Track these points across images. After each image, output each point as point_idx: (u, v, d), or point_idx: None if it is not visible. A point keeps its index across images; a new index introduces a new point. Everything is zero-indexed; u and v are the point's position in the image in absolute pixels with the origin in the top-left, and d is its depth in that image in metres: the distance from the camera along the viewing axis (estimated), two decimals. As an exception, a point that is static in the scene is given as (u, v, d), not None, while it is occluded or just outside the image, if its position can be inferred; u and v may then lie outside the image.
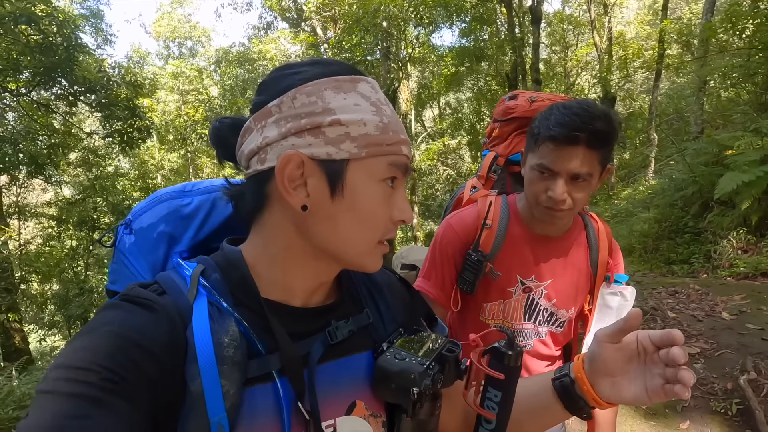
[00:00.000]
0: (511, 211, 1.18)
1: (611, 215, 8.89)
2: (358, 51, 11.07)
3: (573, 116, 0.96)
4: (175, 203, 0.65)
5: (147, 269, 0.62)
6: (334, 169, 0.52)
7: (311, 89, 0.52)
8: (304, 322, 0.57)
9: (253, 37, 14.77)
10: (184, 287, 0.52)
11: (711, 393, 2.64)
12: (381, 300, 0.67)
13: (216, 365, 0.47)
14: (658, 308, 3.83)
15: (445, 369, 0.60)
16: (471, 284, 1.14)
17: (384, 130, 0.53)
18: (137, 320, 0.47)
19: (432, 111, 19.27)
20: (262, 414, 0.51)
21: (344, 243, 0.55)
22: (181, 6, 18.70)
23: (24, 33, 6.83)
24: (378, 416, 0.61)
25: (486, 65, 14.48)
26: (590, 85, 15.53)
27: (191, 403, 0.46)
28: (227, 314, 0.51)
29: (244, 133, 0.55)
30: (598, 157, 0.99)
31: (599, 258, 1.16)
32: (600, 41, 13.34)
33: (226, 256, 0.57)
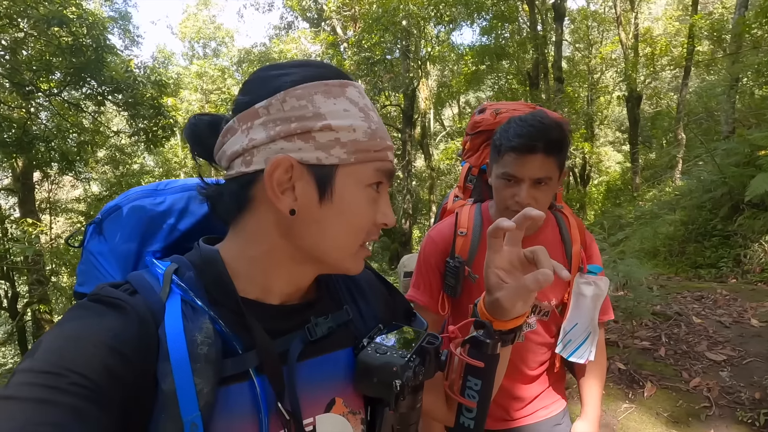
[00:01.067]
0: (484, 218, 1.29)
1: (634, 217, 8.63)
2: (378, 50, 11.07)
3: (529, 128, 1.09)
4: (146, 202, 0.64)
5: (118, 270, 0.61)
6: (324, 174, 0.52)
7: (301, 92, 0.51)
8: (282, 320, 0.57)
9: (274, 37, 14.97)
10: (157, 286, 0.51)
11: (737, 402, 2.53)
12: (360, 297, 0.68)
13: (189, 363, 0.46)
14: (682, 313, 3.71)
15: (426, 361, 0.61)
16: (453, 288, 1.24)
17: (372, 137, 0.54)
18: (107, 321, 0.46)
19: (452, 110, 19.12)
20: (238, 413, 0.50)
21: (330, 246, 0.55)
22: (207, 8, 19.11)
23: (56, 35, 7.09)
24: (357, 413, 0.61)
25: (507, 63, 14.27)
26: (615, 83, 15.11)
27: (163, 402, 0.45)
28: (202, 312, 0.50)
29: (227, 133, 0.54)
30: (555, 162, 1.12)
31: (573, 251, 1.24)
32: (626, 38, 12.97)
33: (201, 255, 0.56)
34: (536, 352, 1.28)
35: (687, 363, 2.99)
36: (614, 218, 9.63)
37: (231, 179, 0.54)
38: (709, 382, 2.72)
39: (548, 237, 1.26)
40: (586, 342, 1.25)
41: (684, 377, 2.85)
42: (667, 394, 2.73)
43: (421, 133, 13.68)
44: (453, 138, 16.75)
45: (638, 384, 2.86)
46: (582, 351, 1.25)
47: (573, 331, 1.25)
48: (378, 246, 16.02)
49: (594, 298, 1.22)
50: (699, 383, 2.74)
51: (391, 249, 13.56)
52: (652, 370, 2.99)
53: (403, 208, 12.74)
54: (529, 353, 1.28)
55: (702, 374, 2.84)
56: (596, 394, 1.32)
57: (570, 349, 1.25)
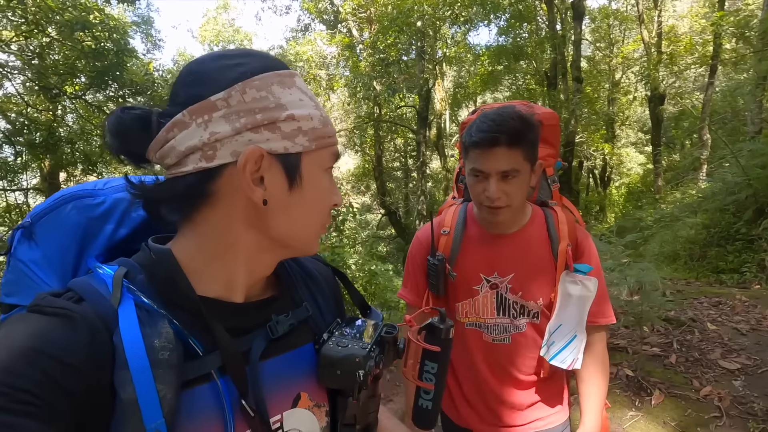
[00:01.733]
0: (468, 216, 1.30)
1: (653, 220, 8.38)
2: (393, 51, 11.07)
3: (489, 122, 1.09)
4: (84, 203, 0.59)
5: (54, 278, 0.57)
6: (291, 162, 0.53)
7: (259, 83, 0.52)
8: (243, 318, 0.57)
9: (291, 39, 15.16)
10: (106, 292, 0.48)
11: (750, 413, 2.42)
12: (318, 293, 0.69)
13: (150, 370, 0.45)
14: (696, 319, 3.57)
15: (385, 350, 0.64)
16: (435, 286, 1.25)
17: (326, 124, 0.56)
18: (52, 332, 0.43)
19: (468, 111, 18.97)
20: (203, 416, 0.49)
21: (300, 231, 0.57)
22: (226, 11, 19.50)
23: (79, 39, 7.35)
24: (322, 406, 0.62)
25: (525, 64, 14.07)
26: (635, 82, 14.71)
27: (123, 411, 0.43)
28: (158, 316, 0.48)
29: (173, 128, 0.51)
30: (521, 154, 1.10)
31: (559, 248, 1.20)
32: (648, 36, 12.62)
33: (153, 256, 0.53)
34: (526, 356, 1.23)
35: (698, 371, 2.88)
36: (634, 221, 9.36)
37: (183, 176, 0.51)
38: (720, 391, 2.61)
39: (534, 233, 1.23)
40: (570, 345, 1.18)
41: (694, 385, 2.74)
42: (675, 402, 2.63)
43: (437, 135, 13.60)
44: (469, 139, 16.57)
45: (646, 391, 2.77)
46: (565, 355, 1.18)
47: (557, 333, 1.20)
48: (393, 247, 15.99)
49: (581, 299, 1.17)
50: (710, 392, 2.63)
51: (405, 250, 13.49)
52: (661, 377, 2.88)
53: (418, 209, 12.69)
54: (518, 357, 1.23)
55: (714, 383, 2.73)
56: (596, 402, 1.23)
57: (552, 351, 1.19)
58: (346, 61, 13.28)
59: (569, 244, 1.21)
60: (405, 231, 13.65)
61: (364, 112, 13.61)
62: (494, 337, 1.23)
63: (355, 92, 11.82)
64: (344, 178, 15.95)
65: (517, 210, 1.20)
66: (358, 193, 17.28)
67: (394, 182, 16.39)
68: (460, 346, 1.28)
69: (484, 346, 1.25)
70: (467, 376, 1.30)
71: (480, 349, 1.25)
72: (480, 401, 1.29)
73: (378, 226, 17.69)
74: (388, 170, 15.86)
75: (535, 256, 1.22)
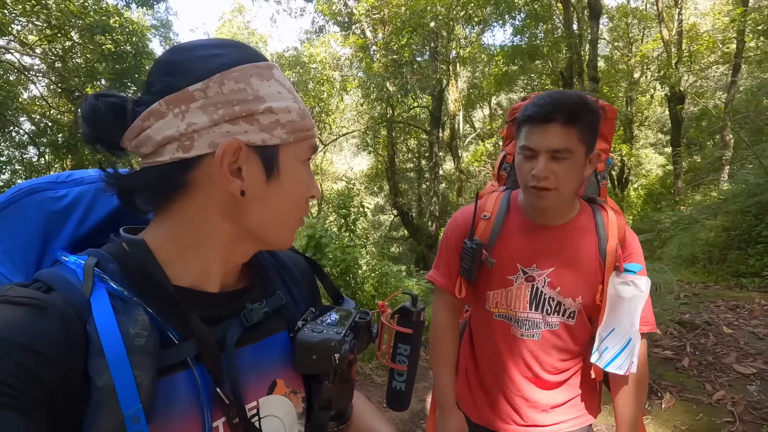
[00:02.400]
0: (511, 203, 1.23)
1: (672, 222, 8.17)
2: (406, 52, 11.07)
3: (547, 97, 1.05)
4: (45, 196, 0.57)
5: (17, 273, 0.55)
6: (269, 154, 0.54)
7: (238, 75, 0.52)
8: (217, 307, 0.57)
9: (305, 41, 15.30)
10: (77, 281, 0.48)
11: (764, 418, 2.34)
12: (292, 282, 0.70)
13: (126, 356, 0.45)
14: (712, 323, 3.47)
15: (359, 335, 0.66)
16: (469, 271, 1.19)
17: (303, 116, 0.56)
18: (22, 321, 0.43)
19: (482, 111, 18.83)
20: (180, 402, 0.50)
21: (276, 223, 0.57)
22: (241, 14, 19.80)
23: (99, 43, 7.57)
24: (298, 392, 0.63)
25: (540, 64, 13.91)
26: (654, 81, 14.38)
27: (99, 399, 0.43)
28: (133, 304, 0.48)
29: (149, 117, 0.50)
30: (576, 134, 1.04)
31: (608, 247, 1.14)
32: (668, 35, 12.33)
33: (125, 246, 0.53)
34: (554, 356, 1.18)
35: (712, 375, 2.80)
36: (652, 223, 9.15)
37: (158, 165, 0.51)
38: (734, 396, 2.53)
39: (581, 228, 1.17)
40: (626, 350, 1.11)
41: (707, 389, 2.67)
42: (686, 406, 2.56)
43: (450, 135, 13.54)
44: (483, 140, 16.49)
45: (656, 395, 2.70)
46: (621, 360, 1.10)
47: (610, 338, 1.12)
48: (405, 248, 15.96)
49: (633, 300, 1.10)
50: (723, 396, 2.56)
51: (418, 251, 13.48)
52: (672, 380, 2.81)
53: (430, 210, 12.64)
54: (546, 355, 1.18)
55: (727, 387, 2.65)
56: (633, 414, 1.16)
57: (607, 358, 1.12)
58: (359, 63, 13.34)
59: (618, 244, 1.14)
60: (417, 232, 13.61)
61: (377, 113, 13.64)
62: (523, 332, 1.18)
63: (368, 93, 11.86)
64: (357, 179, 15.99)
65: (566, 198, 1.13)
66: (370, 193, 17.31)
67: (407, 183, 16.37)
68: (486, 337, 1.24)
69: (512, 340, 1.20)
70: (490, 370, 1.26)
71: (506, 343, 1.20)
72: (501, 398, 1.24)
73: (390, 227, 17.69)
74: (400, 171, 15.86)
75: (580, 251, 1.15)
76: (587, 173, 1.11)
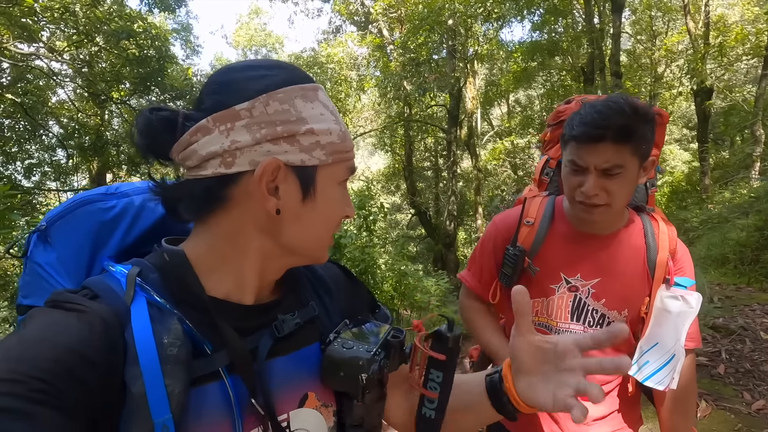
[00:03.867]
0: (556, 210, 1.19)
1: (700, 221, 7.92)
2: (424, 50, 11.01)
3: (595, 114, 0.98)
4: (97, 207, 0.61)
5: (68, 280, 0.58)
6: (307, 175, 0.55)
7: (283, 96, 0.53)
8: (250, 319, 0.58)
9: (322, 41, 15.37)
10: (120, 290, 0.50)
11: (808, 430, 2.25)
12: (325, 293, 0.69)
13: (159, 365, 0.46)
14: (748, 327, 3.34)
15: (391, 354, 0.63)
16: (509, 278, 1.17)
17: (343, 139, 0.57)
18: (68, 326, 0.45)
19: (500, 109, 18.60)
20: (211, 413, 0.50)
21: (310, 240, 0.59)
22: (258, 16, 20.01)
23: (124, 48, 7.76)
24: (329, 406, 0.63)
25: (560, 59, 13.65)
26: (680, 76, 13.95)
27: (132, 405, 0.45)
28: (169, 314, 0.50)
29: (196, 132, 0.52)
30: (629, 150, 0.98)
31: (657, 259, 1.09)
32: (695, 27, 11.94)
33: (165, 256, 0.55)
34: None
35: (750, 383, 2.70)
36: (678, 222, 8.90)
37: (201, 179, 0.53)
38: (775, 406, 2.44)
39: (630, 238, 1.12)
40: (668, 366, 1.07)
41: (745, 398, 2.57)
42: (723, 416, 2.48)
43: (468, 134, 13.42)
44: (501, 138, 16.29)
45: (691, 403, 2.62)
46: (662, 376, 1.07)
47: (651, 352, 1.09)
48: (423, 248, 15.91)
49: (681, 315, 1.05)
50: (763, 406, 2.46)
51: (435, 250, 13.42)
52: (708, 388, 2.72)
53: (448, 209, 12.56)
54: None
55: (767, 396, 2.55)
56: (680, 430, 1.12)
57: (647, 372, 1.08)
58: (376, 62, 13.33)
59: (669, 256, 1.09)
60: (435, 231, 13.54)
61: (394, 112, 13.62)
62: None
63: (386, 92, 11.85)
64: (374, 178, 16.00)
65: (617, 212, 1.09)
66: (388, 192, 17.30)
67: (425, 182, 16.30)
68: None
69: None
70: None
71: None
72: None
73: (408, 226, 17.65)
74: (418, 170, 15.80)
75: (628, 263, 1.11)
76: (641, 182, 1.07)
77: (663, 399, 1.14)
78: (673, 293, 1.07)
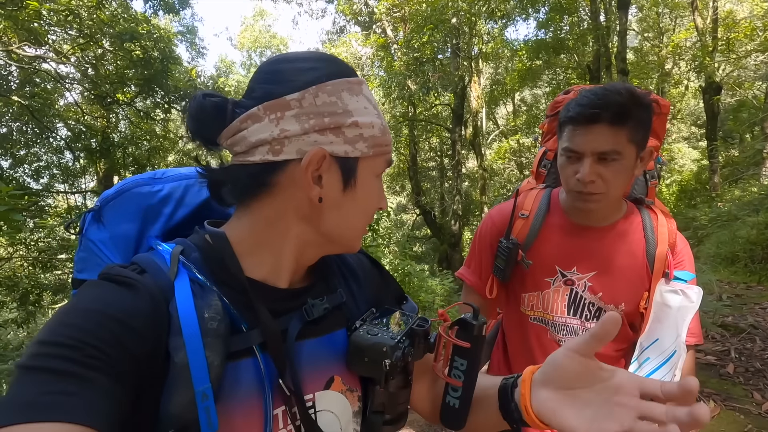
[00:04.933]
0: (552, 202, 1.17)
1: (709, 219, 7.81)
2: (428, 49, 10.97)
3: (591, 95, 0.96)
4: (145, 190, 0.66)
5: (118, 256, 0.63)
6: (349, 166, 0.57)
7: (331, 89, 0.55)
8: (282, 302, 0.60)
9: (326, 42, 15.40)
10: (164, 266, 0.53)
11: (821, 431, 2.18)
12: (353, 281, 0.71)
13: (200, 337, 0.49)
14: (758, 326, 3.27)
15: (415, 343, 0.64)
16: (503, 271, 1.15)
17: (384, 132, 0.59)
18: (119, 298, 0.49)
19: (506, 108, 18.51)
20: (244, 387, 0.53)
21: (347, 229, 0.61)
22: (263, 18, 20.11)
23: (130, 50, 7.81)
24: (354, 390, 0.65)
25: (565, 57, 13.54)
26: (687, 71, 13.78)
27: (175, 374, 0.47)
28: (209, 290, 0.53)
29: (247, 119, 0.54)
30: (625, 134, 0.96)
31: (657, 252, 1.07)
32: (703, 23, 11.78)
33: (207, 237, 0.58)
34: None
35: (760, 382, 2.63)
36: (687, 220, 8.77)
37: (248, 164, 0.55)
38: (786, 406, 2.37)
39: (628, 231, 1.10)
40: (669, 363, 1.04)
41: (755, 398, 2.51)
42: (732, 416, 2.42)
43: (473, 133, 13.36)
44: (507, 137, 16.20)
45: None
46: (663, 373, 1.04)
47: (652, 348, 1.06)
48: (428, 248, 15.87)
49: (681, 310, 1.03)
50: (774, 406, 2.40)
51: (441, 250, 13.38)
52: (716, 388, 2.66)
53: (453, 209, 12.51)
54: None
55: (778, 396, 2.49)
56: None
57: (648, 368, 1.06)
58: (380, 62, 13.32)
59: (668, 250, 1.07)
60: (440, 231, 13.50)
61: (398, 112, 13.59)
62: (560, 338, 1.12)
63: (390, 92, 11.82)
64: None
65: (613, 201, 1.07)
66: (393, 193, 17.28)
67: (430, 182, 16.27)
68: (521, 342, 1.19)
69: (549, 345, 1.14)
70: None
71: (543, 348, 1.14)
72: None
73: (413, 226, 17.61)
74: (423, 170, 15.77)
75: (625, 256, 1.09)
76: (638, 173, 1.03)
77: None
78: (673, 287, 1.05)
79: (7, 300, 9.02)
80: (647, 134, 1.00)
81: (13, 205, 3.34)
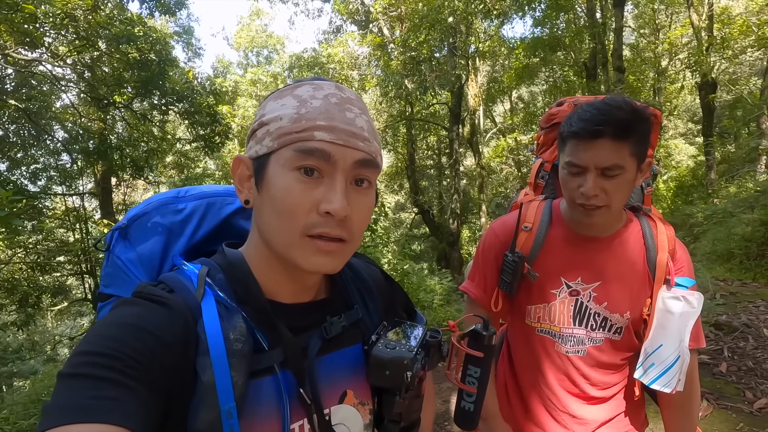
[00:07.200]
0: (554, 214, 1.18)
1: (705, 216, 7.85)
2: (424, 48, 10.96)
3: (593, 110, 0.97)
4: (170, 209, 0.69)
5: (144, 273, 0.65)
6: (260, 164, 0.57)
7: (262, 104, 0.59)
8: (299, 318, 0.61)
9: (323, 41, 15.38)
10: (191, 286, 0.56)
11: (811, 429, 2.22)
12: (368, 296, 0.73)
13: (226, 358, 0.51)
14: (751, 325, 3.31)
15: (430, 353, 0.68)
16: (509, 285, 1.16)
17: (297, 120, 0.54)
18: (154, 315, 0.51)
19: (503, 106, 18.51)
20: (265, 403, 0.55)
21: (270, 234, 0.56)
22: (259, 17, 20.02)
23: (126, 52, 7.79)
24: (366, 404, 0.67)
25: (562, 55, 13.55)
26: (683, 68, 13.80)
27: (202, 392, 0.50)
28: (235, 312, 0.55)
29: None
30: (628, 149, 0.97)
31: (657, 259, 1.09)
32: (698, 20, 11.79)
33: (228, 259, 0.60)
34: (600, 371, 1.13)
35: (752, 381, 2.67)
36: (684, 217, 8.81)
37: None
38: (777, 405, 2.41)
39: (629, 240, 1.12)
40: (674, 368, 1.06)
41: (747, 397, 2.55)
42: (725, 414, 2.46)
43: (470, 131, 13.36)
44: (504, 135, 16.22)
45: (692, 401, 2.60)
46: (668, 378, 1.06)
47: (656, 354, 1.08)
48: (427, 246, 15.89)
49: (684, 316, 1.04)
50: (765, 405, 2.44)
51: (439, 249, 13.41)
52: (709, 387, 2.70)
53: (451, 207, 12.54)
54: (591, 371, 1.13)
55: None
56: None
57: (652, 374, 1.07)
58: (377, 61, 13.31)
59: (668, 257, 1.09)
60: (439, 229, 13.52)
61: (396, 111, 13.59)
62: (568, 348, 1.13)
63: (387, 91, 11.82)
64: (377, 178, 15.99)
65: (616, 213, 1.09)
66: (391, 192, 17.29)
67: (428, 180, 16.29)
68: (528, 353, 1.20)
69: (556, 357, 1.14)
70: (532, 386, 1.20)
71: (550, 360, 1.15)
72: (546, 414, 1.20)
73: (411, 225, 17.64)
74: (421, 168, 15.78)
75: (628, 264, 1.10)
76: (638, 184, 1.05)
77: (668, 400, 1.14)
78: (675, 294, 1.06)
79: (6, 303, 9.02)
80: (647, 146, 1.02)
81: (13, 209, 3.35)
